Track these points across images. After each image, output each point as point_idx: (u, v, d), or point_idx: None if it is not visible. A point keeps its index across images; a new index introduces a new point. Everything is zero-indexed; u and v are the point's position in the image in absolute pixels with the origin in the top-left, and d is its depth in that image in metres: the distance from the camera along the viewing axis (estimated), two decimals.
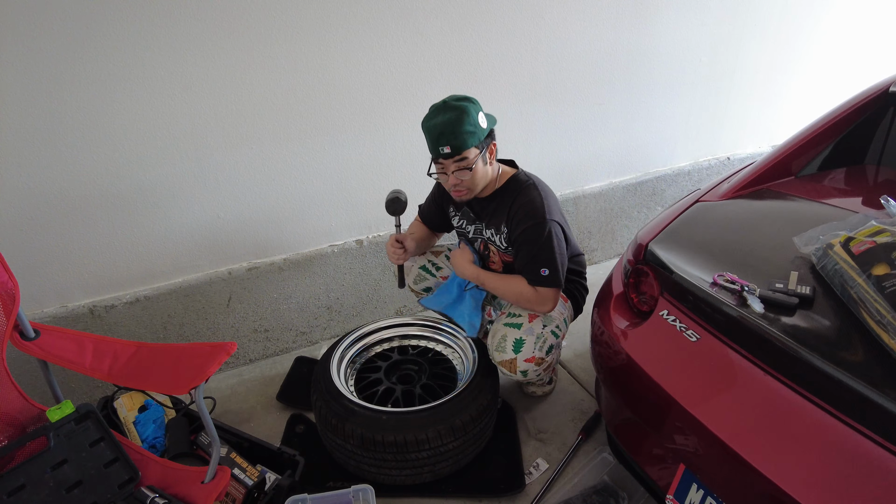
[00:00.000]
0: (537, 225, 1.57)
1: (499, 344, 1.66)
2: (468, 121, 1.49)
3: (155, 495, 1.23)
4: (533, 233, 1.58)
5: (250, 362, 2.25)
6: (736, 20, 2.64)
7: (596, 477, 1.62)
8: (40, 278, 1.80)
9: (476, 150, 1.53)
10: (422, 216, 1.93)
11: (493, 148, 1.60)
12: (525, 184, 1.66)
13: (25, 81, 1.57)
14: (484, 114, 1.56)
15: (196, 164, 1.87)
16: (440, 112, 1.51)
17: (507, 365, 1.65)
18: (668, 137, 2.81)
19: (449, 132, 1.48)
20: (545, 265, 1.57)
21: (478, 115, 1.52)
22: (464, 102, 1.51)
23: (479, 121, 1.52)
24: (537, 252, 1.58)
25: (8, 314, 1.30)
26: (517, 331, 1.64)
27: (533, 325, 1.65)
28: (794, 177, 1.74)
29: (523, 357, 1.63)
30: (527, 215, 1.59)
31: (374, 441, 1.49)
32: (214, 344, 1.24)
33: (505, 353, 1.64)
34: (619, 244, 2.94)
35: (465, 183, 1.57)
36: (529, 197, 1.61)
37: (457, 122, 1.48)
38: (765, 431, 1.04)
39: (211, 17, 1.71)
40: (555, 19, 2.23)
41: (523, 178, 1.68)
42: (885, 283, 1.03)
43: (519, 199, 1.62)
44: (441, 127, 1.49)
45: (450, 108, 1.50)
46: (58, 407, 1.30)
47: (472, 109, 1.51)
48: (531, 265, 1.59)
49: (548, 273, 1.57)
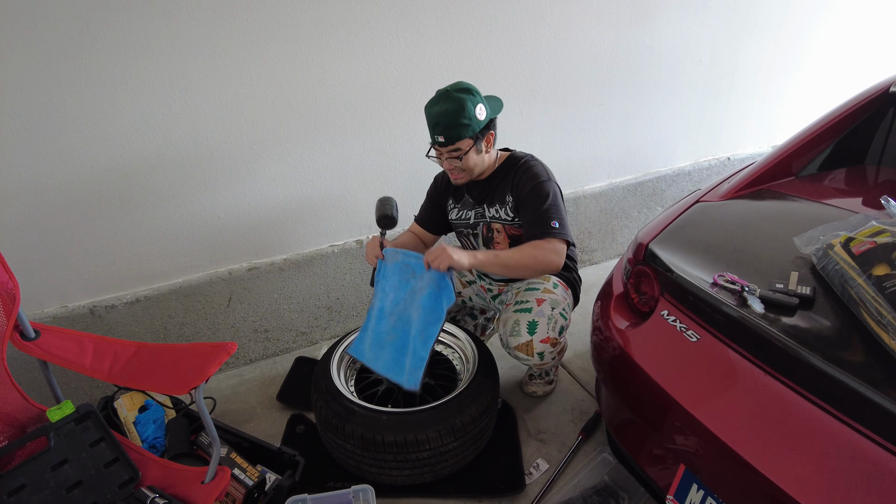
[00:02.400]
0: (542, 183, 1.66)
1: (513, 329, 1.67)
2: (464, 114, 1.55)
3: (155, 495, 1.23)
4: (540, 190, 1.65)
5: (250, 362, 2.25)
6: (736, 20, 2.64)
7: (596, 477, 1.62)
8: (41, 278, 1.80)
9: (470, 141, 1.61)
10: (420, 222, 1.97)
11: (490, 137, 1.67)
12: (523, 157, 1.75)
13: (26, 81, 1.57)
14: (485, 104, 1.61)
15: (196, 164, 1.87)
16: (440, 100, 1.58)
17: (524, 348, 1.66)
18: (668, 138, 2.81)
19: (444, 123, 1.57)
20: (555, 218, 1.63)
21: (475, 108, 1.57)
22: (463, 94, 1.57)
23: (477, 113, 1.57)
24: (546, 207, 1.64)
25: (8, 314, 1.30)
26: (528, 314, 1.67)
27: (542, 308, 1.68)
28: (795, 177, 1.74)
29: (539, 338, 1.65)
30: (531, 177, 1.67)
31: (374, 441, 1.49)
32: (215, 344, 1.24)
33: (520, 337, 1.65)
34: (619, 244, 2.94)
35: (459, 166, 1.66)
36: (531, 164, 1.71)
37: (453, 114, 1.55)
38: (765, 432, 1.04)
39: (211, 18, 1.71)
40: (555, 19, 2.23)
41: (520, 154, 1.78)
42: (886, 283, 1.03)
43: (521, 167, 1.71)
44: (437, 117, 1.57)
45: (449, 98, 1.56)
46: (58, 407, 1.30)
47: (471, 102, 1.56)
48: (542, 219, 1.63)
49: (558, 225, 1.63)
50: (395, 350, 1.59)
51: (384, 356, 1.60)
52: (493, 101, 1.71)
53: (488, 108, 1.63)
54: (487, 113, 1.61)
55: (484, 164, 1.70)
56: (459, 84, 1.61)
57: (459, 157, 1.63)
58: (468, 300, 2.01)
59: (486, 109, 1.61)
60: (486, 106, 1.61)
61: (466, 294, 1.99)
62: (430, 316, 1.56)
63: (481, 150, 1.66)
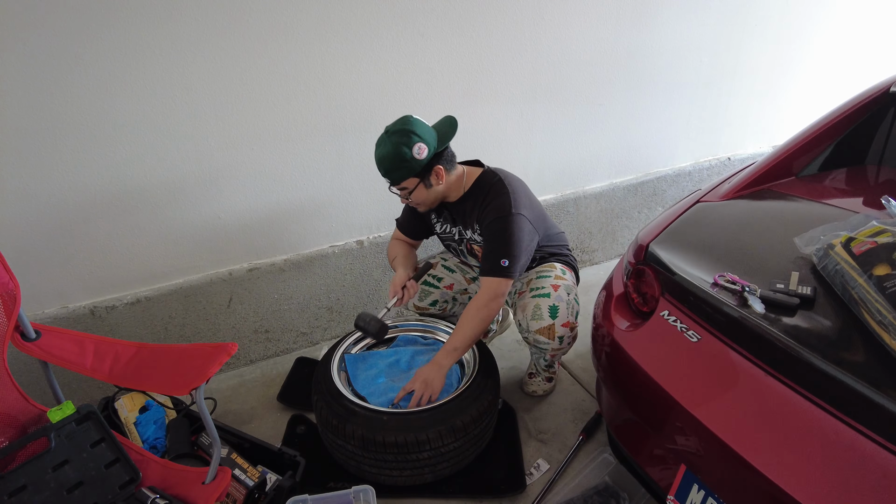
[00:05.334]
0: (501, 218, 1.64)
1: (534, 313, 1.70)
2: (400, 158, 1.57)
3: (156, 496, 1.23)
4: (497, 225, 1.64)
5: (251, 363, 2.25)
6: (737, 20, 2.64)
7: (597, 477, 1.62)
8: (41, 279, 1.80)
9: (415, 180, 1.63)
10: (402, 228, 1.95)
11: (439, 171, 1.64)
12: (491, 181, 1.71)
13: (27, 82, 1.57)
14: (426, 142, 1.58)
15: (197, 164, 1.87)
16: (380, 144, 1.61)
17: (546, 332, 1.69)
18: (668, 138, 2.81)
19: (385, 166, 1.61)
20: (506, 256, 1.62)
21: (412, 149, 1.56)
22: (396, 137, 1.56)
23: (415, 153, 1.57)
24: (500, 244, 1.63)
25: (9, 315, 1.30)
26: (548, 299, 1.71)
27: (560, 293, 1.72)
28: (795, 177, 1.74)
29: (560, 322, 1.69)
30: (493, 210, 1.66)
31: (374, 442, 1.49)
32: (215, 345, 1.24)
33: (543, 320, 1.69)
34: (619, 245, 2.94)
35: (412, 200, 1.69)
36: (496, 193, 1.68)
37: (390, 160, 1.58)
38: (766, 432, 1.03)
39: (211, 19, 1.71)
40: (555, 19, 2.23)
41: (489, 176, 1.73)
42: (886, 283, 1.03)
43: (488, 196, 1.69)
44: (378, 160, 1.61)
45: (386, 142, 1.58)
46: (59, 408, 1.30)
47: (406, 147, 1.56)
48: (492, 256, 1.64)
49: (507, 264, 1.62)
50: (389, 389, 1.68)
51: (374, 387, 1.69)
52: (443, 127, 1.67)
53: (430, 144, 1.59)
54: (429, 151, 1.59)
55: (439, 194, 1.70)
56: (398, 125, 1.59)
57: (408, 195, 1.66)
58: (473, 294, 2.00)
59: (427, 147, 1.58)
60: (427, 143, 1.58)
61: (473, 290, 1.99)
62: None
63: (430, 184, 1.66)
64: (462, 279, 1.98)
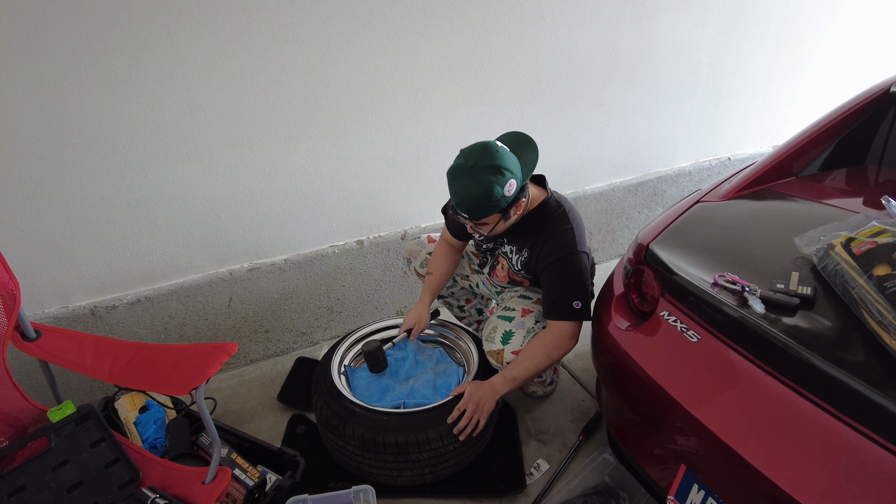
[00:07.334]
0: (569, 257, 1.54)
1: (489, 334, 1.68)
2: (489, 197, 1.40)
3: (156, 496, 1.23)
4: (566, 264, 1.54)
5: (251, 363, 2.25)
6: (737, 20, 2.64)
7: (597, 477, 1.62)
8: (41, 279, 1.80)
9: (497, 216, 1.49)
10: (450, 229, 1.81)
11: (520, 204, 1.52)
12: (556, 212, 1.60)
13: (27, 82, 1.57)
14: (517, 176, 1.43)
15: (197, 164, 1.87)
16: (466, 179, 1.41)
17: (495, 355, 1.66)
18: (668, 138, 2.81)
19: (469, 206, 1.43)
20: (577, 298, 1.54)
21: (504, 188, 1.40)
22: (486, 174, 1.39)
23: (506, 191, 1.41)
24: (570, 286, 1.55)
25: (9, 315, 1.30)
26: (508, 323, 1.66)
27: (525, 320, 1.67)
28: (795, 177, 1.74)
29: (510, 349, 1.63)
30: (559, 247, 1.55)
31: (374, 442, 1.49)
32: (215, 344, 1.24)
33: (493, 344, 1.66)
34: (619, 245, 2.94)
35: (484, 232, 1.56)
36: (561, 228, 1.56)
37: (479, 200, 1.41)
38: (766, 432, 1.04)
39: (211, 19, 1.71)
40: (555, 19, 2.23)
41: (554, 205, 1.62)
42: (887, 283, 1.03)
43: (549, 228, 1.57)
44: (461, 197, 1.43)
45: (476, 180, 1.40)
46: (59, 407, 1.30)
47: (497, 184, 1.39)
48: (564, 297, 1.55)
49: (580, 306, 1.55)
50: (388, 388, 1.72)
51: (371, 391, 1.71)
52: (527, 155, 1.52)
53: (518, 177, 1.45)
54: (517, 186, 1.44)
55: (512, 224, 1.58)
56: (486, 158, 1.40)
57: (486, 229, 1.53)
58: (476, 286, 2.00)
59: (516, 182, 1.43)
60: (516, 178, 1.43)
61: (475, 280, 1.98)
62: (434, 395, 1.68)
63: (509, 217, 1.52)
64: (466, 266, 1.96)
